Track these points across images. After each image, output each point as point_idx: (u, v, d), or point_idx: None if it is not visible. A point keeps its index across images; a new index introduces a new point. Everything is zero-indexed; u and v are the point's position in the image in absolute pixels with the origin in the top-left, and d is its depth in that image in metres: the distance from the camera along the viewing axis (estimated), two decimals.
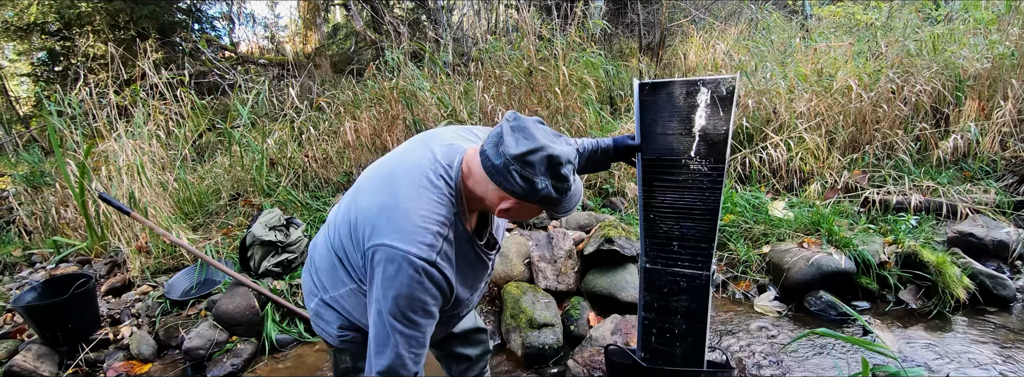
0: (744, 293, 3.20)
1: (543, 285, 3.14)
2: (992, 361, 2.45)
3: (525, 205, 1.20)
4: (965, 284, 2.91)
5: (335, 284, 1.39)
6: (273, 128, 5.22)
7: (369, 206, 1.24)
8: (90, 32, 8.63)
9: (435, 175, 1.23)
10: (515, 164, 1.11)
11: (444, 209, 1.21)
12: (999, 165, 3.98)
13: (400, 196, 1.21)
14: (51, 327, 2.89)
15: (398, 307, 1.17)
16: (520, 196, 1.15)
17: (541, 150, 1.11)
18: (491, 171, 1.15)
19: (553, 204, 1.19)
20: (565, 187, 1.15)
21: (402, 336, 1.19)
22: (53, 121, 4.17)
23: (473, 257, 1.35)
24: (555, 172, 1.12)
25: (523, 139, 1.12)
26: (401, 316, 1.18)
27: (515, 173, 1.11)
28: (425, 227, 1.17)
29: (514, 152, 1.10)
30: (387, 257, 1.15)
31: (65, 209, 4.47)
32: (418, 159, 1.28)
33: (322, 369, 2.82)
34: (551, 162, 1.11)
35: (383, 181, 1.27)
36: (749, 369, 2.52)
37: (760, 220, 3.54)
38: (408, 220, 1.17)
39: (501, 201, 1.20)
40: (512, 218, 1.29)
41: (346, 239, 1.30)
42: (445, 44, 5.80)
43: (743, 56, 5.33)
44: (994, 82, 4.30)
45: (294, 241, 3.49)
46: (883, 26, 5.84)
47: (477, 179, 1.21)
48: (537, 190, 1.12)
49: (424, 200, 1.20)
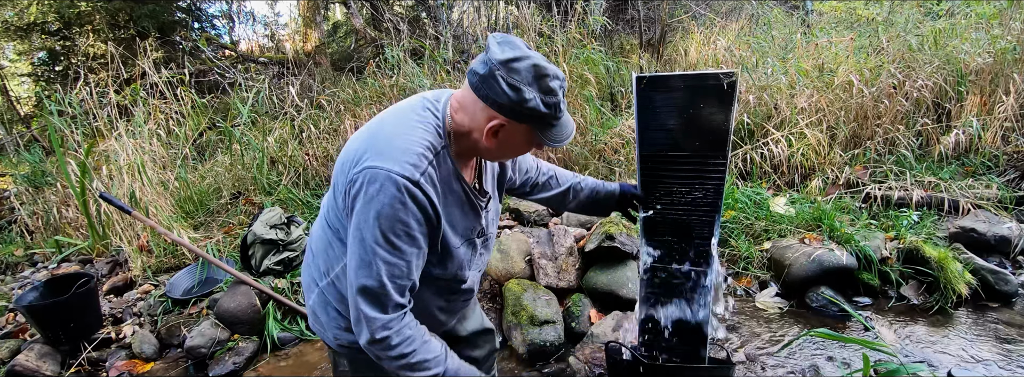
0: (745, 289, 3.20)
1: (544, 282, 3.13)
2: (994, 357, 2.44)
3: (514, 126, 1.15)
4: (967, 280, 2.90)
5: (331, 263, 1.33)
6: (273, 126, 5.22)
7: (355, 142, 1.20)
8: (90, 31, 8.62)
9: (421, 108, 1.21)
10: (501, 69, 1.07)
11: (430, 136, 1.17)
12: (1001, 160, 3.97)
13: (386, 125, 1.19)
14: (53, 326, 2.89)
15: (380, 229, 1.11)
16: (507, 109, 1.10)
17: (527, 58, 1.08)
18: (477, 84, 1.11)
19: (543, 122, 1.15)
20: (553, 101, 1.12)
21: (384, 263, 1.13)
22: (54, 121, 4.17)
23: (462, 197, 1.28)
24: (543, 84, 1.09)
25: (510, 49, 1.09)
26: (384, 239, 1.12)
27: (501, 79, 1.07)
28: (408, 148, 1.13)
29: (499, 57, 1.07)
30: (369, 178, 1.10)
31: (66, 209, 4.47)
32: (405, 101, 1.27)
33: (323, 367, 2.82)
34: (538, 71, 1.08)
35: (370, 122, 1.25)
36: (750, 365, 2.52)
37: (761, 216, 3.53)
38: (391, 143, 1.13)
39: (489, 122, 1.14)
40: (502, 151, 1.24)
41: (334, 200, 1.25)
42: (445, 41, 5.78)
43: (744, 52, 5.31)
44: (996, 77, 4.29)
45: (295, 239, 3.49)
46: (884, 21, 5.82)
47: (465, 105, 1.18)
48: (525, 100, 1.08)
49: (409, 126, 1.17)
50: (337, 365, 1.54)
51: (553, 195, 1.70)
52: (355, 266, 1.14)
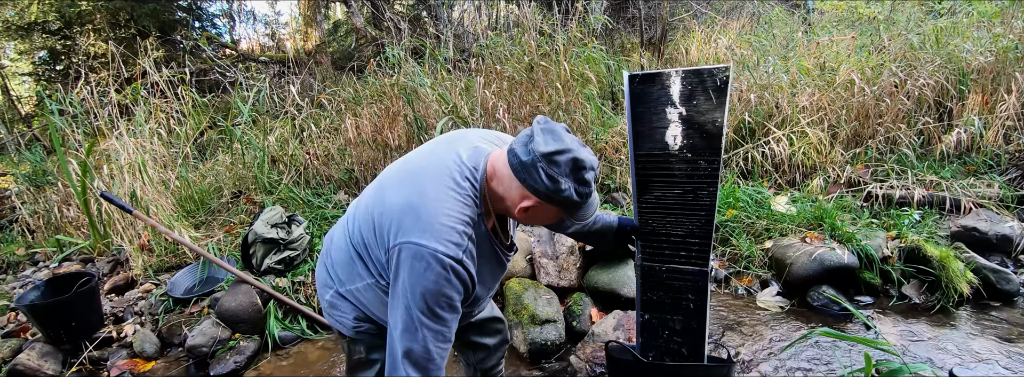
0: (746, 288, 3.20)
1: (545, 281, 3.14)
2: (996, 356, 2.44)
3: (545, 207, 1.24)
4: (968, 279, 2.90)
5: (352, 278, 1.42)
6: (274, 126, 5.22)
7: (394, 204, 1.25)
8: (91, 31, 8.62)
9: (461, 176, 1.27)
10: (542, 162, 1.15)
11: (469, 209, 1.25)
12: (1003, 159, 3.96)
13: (427, 195, 1.23)
14: (54, 326, 2.89)
15: (426, 303, 1.20)
16: (543, 195, 1.19)
17: (569, 152, 1.16)
18: (517, 168, 1.20)
19: (573, 208, 1.23)
20: (587, 191, 1.20)
21: (430, 330, 1.22)
22: (55, 120, 4.17)
23: (493, 257, 1.39)
24: (579, 176, 1.17)
25: (552, 140, 1.17)
26: (429, 311, 1.21)
27: (541, 170, 1.15)
28: (452, 226, 1.20)
29: (543, 150, 1.15)
30: (415, 254, 1.18)
31: (67, 208, 4.47)
32: (444, 160, 1.30)
33: (325, 366, 2.82)
34: (576, 165, 1.17)
35: (409, 179, 1.30)
36: (751, 365, 2.52)
37: (762, 215, 3.53)
38: (435, 219, 1.20)
39: (523, 200, 1.23)
40: (530, 221, 1.33)
41: (368, 235, 1.33)
42: (446, 40, 5.78)
43: (745, 50, 5.31)
44: (998, 75, 4.28)
45: (296, 238, 3.48)
46: (886, 20, 5.81)
47: (501, 179, 1.26)
48: (561, 190, 1.16)
49: (450, 200, 1.23)
50: (353, 353, 1.57)
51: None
52: (401, 330, 1.23)
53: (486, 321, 1.89)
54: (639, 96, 1.68)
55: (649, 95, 1.68)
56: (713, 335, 2.77)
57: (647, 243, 1.83)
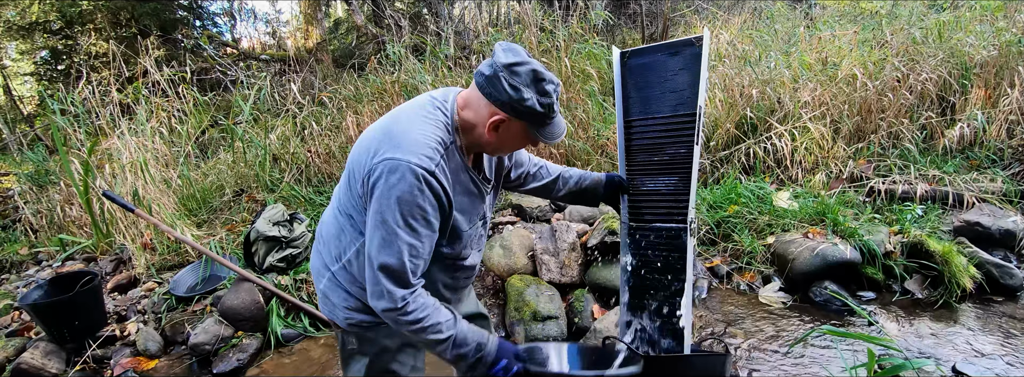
0: (749, 284, 3.19)
1: (547, 278, 3.14)
2: (999, 351, 2.43)
3: (513, 123, 1.31)
4: (971, 273, 2.89)
5: (342, 249, 1.45)
6: (275, 124, 5.22)
7: (371, 137, 1.32)
8: (92, 30, 8.63)
9: (432, 107, 1.35)
10: (504, 71, 1.24)
11: (441, 131, 1.31)
12: (1006, 153, 3.95)
13: (400, 122, 1.32)
14: (58, 324, 2.90)
15: (400, 213, 1.24)
16: (508, 107, 1.26)
17: (527, 64, 1.25)
18: (483, 84, 1.28)
19: (539, 122, 1.31)
20: (548, 102, 1.28)
21: (405, 244, 1.26)
22: (57, 120, 4.18)
23: (470, 185, 1.43)
24: (540, 87, 1.26)
25: (512, 54, 1.26)
26: (404, 223, 1.25)
27: (504, 80, 1.24)
28: (424, 142, 1.26)
29: (503, 61, 1.24)
30: (389, 167, 1.23)
31: (70, 207, 4.49)
32: (415, 100, 1.41)
33: (327, 363, 2.83)
34: (536, 76, 1.25)
35: (383, 119, 1.38)
36: (754, 360, 2.52)
37: (764, 211, 3.52)
38: (407, 137, 1.26)
39: (491, 116, 1.30)
40: (500, 144, 1.38)
41: (348, 188, 1.38)
42: (446, 37, 5.76)
43: (747, 46, 5.28)
44: (1001, 70, 4.26)
45: (298, 236, 3.49)
46: (888, 14, 5.79)
47: (471, 102, 1.34)
48: (524, 99, 1.24)
49: (422, 123, 1.30)
50: (345, 344, 1.59)
51: (544, 184, 1.82)
52: (377, 245, 1.27)
53: (471, 318, 1.87)
54: (628, 70, 1.90)
55: (636, 68, 1.89)
56: (716, 331, 2.77)
57: (633, 201, 1.94)
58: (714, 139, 4.35)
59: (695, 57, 1.75)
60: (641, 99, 1.91)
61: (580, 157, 4.39)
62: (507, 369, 1.39)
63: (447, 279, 1.56)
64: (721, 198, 3.69)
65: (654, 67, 1.86)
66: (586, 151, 4.37)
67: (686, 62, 1.79)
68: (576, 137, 4.45)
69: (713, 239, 3.51)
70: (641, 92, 1.91)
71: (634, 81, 1.91)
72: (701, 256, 3.41)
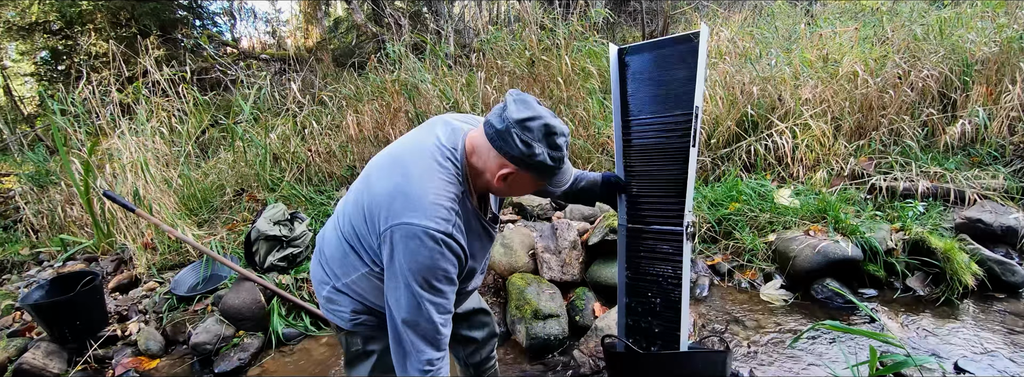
0: (750, 282, 3.19)
1: (548, 276, 3.13)
2: (1001, 347, 2.43)
3: (521, 174, 1.31)
4: (973, 270, 2.88)
5: (347, 271, 1.45)
6: (276, 123, 5.22)
7: (382, 190, 1.31)
8: (92, 30, 8.63)
9: (442, 157, 1.33)
10: (516, 127, 1.23)
11: (454, 187, 1.31)
12: (1007, 150, 3.93)
13: (412, 178, 1.30)
14: (59, 324, 2.91)
15: (424, 278, 1.26)
16: (518, 161, 1.26)
17: (540, 118, 1.24)
18: (494, 137, 1.27)
19: (547, 173, 1.31)
20: (559, 156, 1.28)
21: (432, 304, 1.29)
22: (57, 120, 4.18)
23: (481, 231, 1.45)
24: (551, 141, 1.26)
25: (524, 108, 1.25)
26: (428, 285, 1.27)
27: (516, 136, 1.23)
28: (439, 203, 1.27)
29: (516, 117, 1.23)
30: (407, 234, 1.24)
31: (71, 207, 4.49)
32: (424, 144, 1.37)
33: (328, 362, 2.83)
34: (548, 130, 1.25)
35: (393, 165, 1.35)
36: (755, 357, 2.51)
37: (766, 208, 3.52)
38: (423, 198, 1.26)
39: (501, 168, 1.30)
40: (510, 190, 1.39)
41: (359, 225, 1.37)
42: (446, 36, 5.77)
43: (748, 43, 5.27)
44: (1002, 66, 4.24)
45: (298, 235, 3.49)
46: (889, 11, 5.77)
47: (479, 152, 1.33)
48: (535, 154, 1.24)
49: (435, 180, 1.30)
50: (350, 345, 1.60)
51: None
52: (404, 309, 1.29)
53: (472, 313, 1.90)
54: (625, 66, 1.90)
55: (634, 64, 1.89)
56: (717, 328, 2.77)
57: (631, 203, 1.95)
58: (715, 137, 4.34)
59: (692, 53, 1.74)
60: (639, 97, 1.90)
61: (581, 155, 4.39)
62: None
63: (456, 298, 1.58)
64: (722, 196, 3.68)
65: (651, 64, 1.86)
66: (587, 149, 4.36)
67: (684, 58, 1.78)
68: (577, 136, 4.44)
69: (714, 237, 3.51)
70: (639, 90, 1.90)
71: (632, 78, 1.90)
72: (702, 254, 3.40)
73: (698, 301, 3.04)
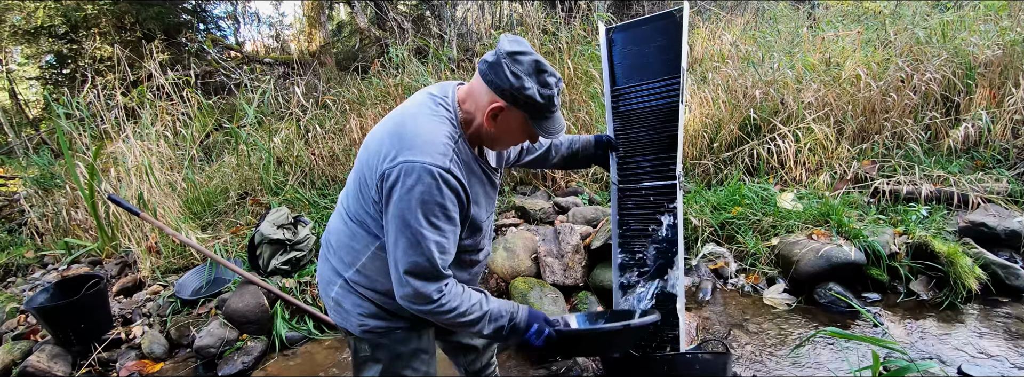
0: (753, 286, 3.18)
1: (550, 280, 3.13)
2: (1005, 352, 2.42)
3: (512, 112, 1.31)
4: (977, 274, 2.88)
5: (355, 256, 1.44)
6: (279, 127, 5.24)
7: (378, 139, 1.33)
8: (96, 34, 8.67)
9: (434, 104, 1.36)
10: (507, 58, 1.24)
11: (448, 127, 1.32)
12: (1011, 153, 3.93)
13: (406, 122, 1.31)
14: (64, 328, 2.92)
15: (423, 213, 1.25)
16: (508, 94, 1.27)
17: (531, 54, 1.27)
18: (485, 71, 1.28)
19: (537, 112, 1.31)
20: (548, 94, 1.29)
21: (432, 242, 1.27)
22: (62, 124, 4.21)
23: (482, 175, 1.44)
24: (541, 78, 1.27)
25: (516, 44, 1.27)
26: (428, 222, 1.26)
27: (506, 67, 1.24)
28: (434, 140, 1.27)
29: (507, 49, 1.25)
30: (404, 170, 1.23)
31: (75, 211, 4.51)
32: (414, 98, 1.41)
33: (332, 366, 2.83)
34: (538, 66, 1.27)
35: (386, 122, 1.38)
36: (758, 362, 2.51)
37: (769, 212, 3.52)
38: (416, 137, 1.26)
39: (491, 103, 1.30)
40: (500, 134, 1.38)
41: (363, 185, 1.37)
42: (449, 39, 5.78)
43: (750, 46, 5.28)
44: (1005, 69, 4.24)
45: (302, 239, 3.50)
46: (892, 14, 5.77)
47: (472, 92, 1.35)
48: (524, 87, 1.25)
49: (429, 122, 1.31)
50: (358, 350, 1.58)
51: (537, 156, 1.87)
52: (403, 248, 1.27)
53: None
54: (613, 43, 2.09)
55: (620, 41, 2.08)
56: (720, 332, 2.76)
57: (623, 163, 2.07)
58: (718, 140, 4.35)
59: (676, 26, 1.92)
60: (626, 67, 2.07)
61: None
62: (539, 332, 1.44)
63: (464, 275, 1.56)
64: (725, 199, 3.68)
65: (638, 38, 2.03)
66: None
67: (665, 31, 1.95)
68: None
69: (717, 241, 3.51)
70: (626, 61, 2.07)
71: (620, 52, 2.07)
72: (705, 258, 3.40)
73: (701, 305, 3.04)
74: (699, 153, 4.39)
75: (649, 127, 2.02)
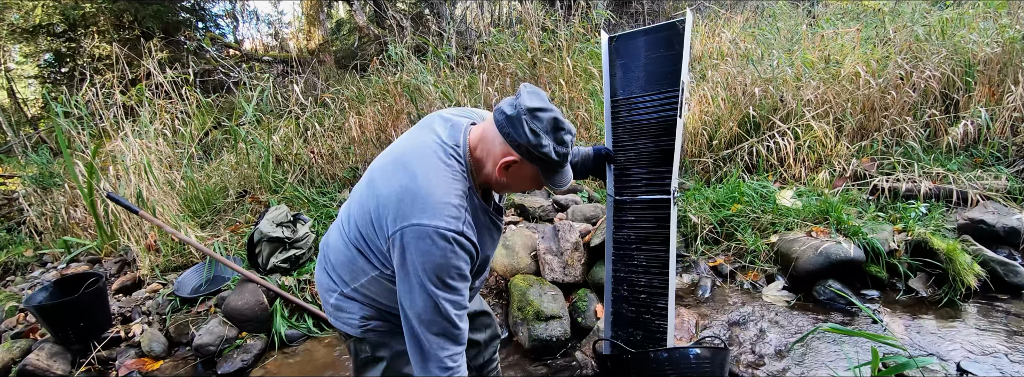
0: (752, 283, 3.19)
1: (550, 277, 3.13)
2: (1003, 349, 2.42)
3: (524, 166, 1.32)
4: (976, 271, 2.88)
5: (355, 275, 1.45)
6: (278, 125, 5.24)
7: (388, 192, 1.30)
8: (95, 33, 8.65)
9: (445, 155, 1.34)
10: (527, 115, 1.25)
11: (459, 184, 1.32)
12: (1010, 151, 3.93)
13: (418, 177, 1.29)
14: (63, 326, 2.92)
15: (438, 277, 1.26)
16: (524, 150, 1.27)
17: (551, 111, 1.28)
18: (503, 123, 1.28)
19: (550, 169, 1.33)
20: (564, 152, 1.31)
21: (448, 302, 1.29)
22: (60, 122, 4.20)
23: (489, 224, 1.46)
24: (558, 136, 1.29)
25: (537, 99, 1.28)
26: (442, 284, 1.27)
27: (525, 123, 1.25)
28: (447, 202, 1.27)
29: (528, 105, 1.25)
30: (418, 235, 1.23)
31: (74, 209, 4.51)
32: (425, 142, 1.37)
33: (331, 363, 2.83)
34: (557, 124, 1.28)
35: (397, 166, 1.34)
36: (757, 359, 2.51)
37: (768, 209, 3.52)
38: (430, 197, 1.26)
39: (505, 156, 1.30)
40: (510, 182, 1.38)
41: (366, 229, 1.37)
42: (448, 37, 5.78)
43: (749, 44, 5.27)
44: (1004, 67, 4.23)
45: (301, 237, 3.50)
46: (891, 11, 5.77)
47: (485, 140, 1.35)
48: (541, 145, 1.26)
49: (441, 178, 1.30)
50: (359, 352, 1.59)
51: None
52: (421, 308, 1.29)
53: (475, 316, 1.90)
54: (615, 52, 2.07)
55: (622, 51, 2.06)
56: (719, 330, 2.77)
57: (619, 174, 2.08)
58: (717, 138, 4.34)
59: (678, 37, 1.90)
60: (627, 79, 2.05)
61: None
62: None
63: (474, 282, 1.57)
64: (724, 197, 3.68)
65: (641, 48, 2.02)
66: None
67: (669, 42, 1.94)
68: (579, 137, 4.45)
69: (716, 238, 3.51)
70: (626, 72, 2.05)
71: (621, 62, 2.06)
72: (704, 255, 3.40)
73: (700, 302, 3.04)
74: (698, 150, 4.39)
75: (647, 140, 2.02)
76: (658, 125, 1.98)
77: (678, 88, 1.90)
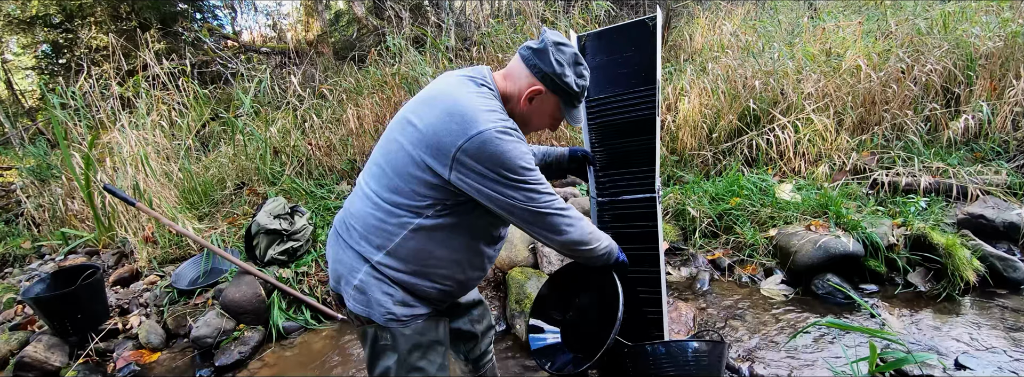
0: (751, 277, 3.18)
1: (548, 270, 3.13)
2: (1002, 344, 2.42)
3: (548, 96, 1.45)
4: (975, 266, 2.87)
5: (388, 236, 1.42)
6: (276, 116, 5.22)
7: (434, 119, 1.35)
8: (92, 24, 8.60)
9: (476, 84, 1.43)
10: (553, 47, 1.39)
11: (497, 103, 1.41)
12: (1010, 145, 3.91)
13: (459, 99, 1.36)
14: (61, 318, 2.91)
15: (517, 166, 1.33)
16: (549, 80, 1.41)
17: (572, 47, 1.43)
18: (529, 56, 1.42)
19: (569, 100, 1.47)
20: (583, 84, 1.46)
21: (536, 181, 1.38)
22: (57, 114, 4.18)
23: None
24: (578, 70, 1.44)
25: (561, 37, 1.44)
26: (525, 171, 1.35)
27: (552, 53, 1.39)
28: (491, 110, 1.35)
29: (554, 39, 1.41)
30: (481, 141, 1.30)
31: (72, 201, 4.50)
32: (450, 81, 1.45)
33: (328, 355, 2.83)
34: (577, 59, 1.44)
35: (431, 102, 1.40)
36: (755, 353, 2.51)
37: (767, 203, 3.51)
38: (477, 111, 1.33)
39: (530, 86, 1.43)
40: (532, 116, 1.50)
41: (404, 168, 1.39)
42: (447, 29, 5.74)
43: (750, 36, 5.25)
44: (1006, 61, 4.21)
45: (299, 229, 3.49)
46: (893, 4, 5.73)
47: (511, 75, 1.47)
48: (564, 74, 1.41)
49: (479, 98, 1.38)
50: (378, 339, 1.52)
51: None
52: (527, 205, 1.38)
53: (472, 306, 1.89)
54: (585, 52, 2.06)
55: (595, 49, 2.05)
56: (716, 324, 2.76)
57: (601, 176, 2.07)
58: (716, 131, 4.33)
59: (650, 35, 1.90)
60: (601, 78, 2.04)
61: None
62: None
63: (491, 252, 1.60)
64: (723, 190, 3.67)
65: (611, 47, 2.01)
66: None
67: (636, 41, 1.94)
68: (577, 128, 4.43)
69: (715, 231, 3.50)
70: (601, 72, 2.04)
71: (594, 62, 2.05)
72: (703, 249, 3.39)
73: (697, 295, 3.04)
74: (698, 144, 4.37)
75: (625, 139, 2.02)
76: (635, 124, 1.99)
77: (654, 86, 1.91)
